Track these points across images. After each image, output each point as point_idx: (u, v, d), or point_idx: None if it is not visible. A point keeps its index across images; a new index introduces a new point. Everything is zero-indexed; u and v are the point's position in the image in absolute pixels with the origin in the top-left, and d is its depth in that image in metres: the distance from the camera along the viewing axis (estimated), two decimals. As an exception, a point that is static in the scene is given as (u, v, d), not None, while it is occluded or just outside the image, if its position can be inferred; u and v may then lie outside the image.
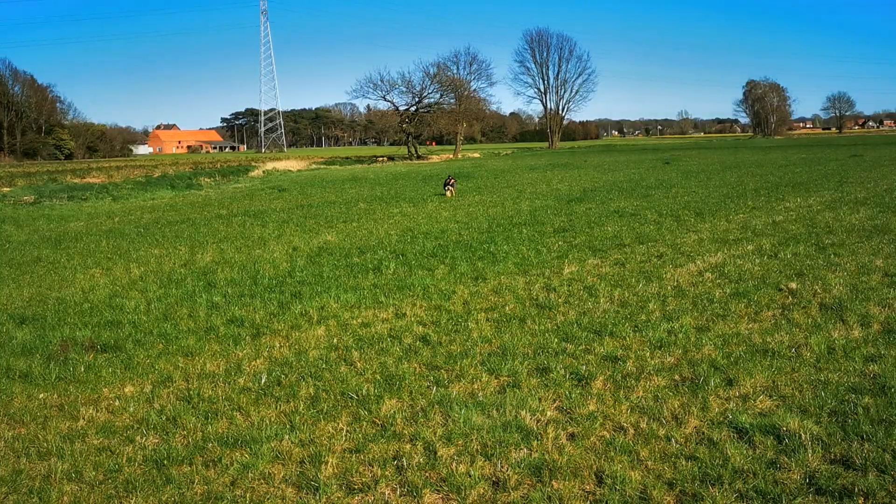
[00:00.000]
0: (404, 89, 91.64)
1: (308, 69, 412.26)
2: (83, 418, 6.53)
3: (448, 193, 28.08)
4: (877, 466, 5.00)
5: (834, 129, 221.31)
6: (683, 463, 5.21)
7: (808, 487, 4.82)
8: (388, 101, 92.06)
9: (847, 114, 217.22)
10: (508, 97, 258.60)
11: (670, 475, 5.06)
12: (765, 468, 5.08)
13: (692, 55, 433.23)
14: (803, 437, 5.45)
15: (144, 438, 6.05)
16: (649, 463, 5.25)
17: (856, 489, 4.73)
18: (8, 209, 31.00)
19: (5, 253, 17.23)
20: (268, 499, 5.00)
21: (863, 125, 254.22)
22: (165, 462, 5.56)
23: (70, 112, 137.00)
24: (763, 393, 6.43)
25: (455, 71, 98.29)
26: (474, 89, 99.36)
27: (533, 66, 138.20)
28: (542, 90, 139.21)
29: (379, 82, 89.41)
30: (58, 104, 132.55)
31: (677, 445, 5.49)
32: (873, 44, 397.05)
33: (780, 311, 9.06)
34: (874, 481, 4.80)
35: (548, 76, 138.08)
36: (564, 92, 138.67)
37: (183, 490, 5.15)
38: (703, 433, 5.69)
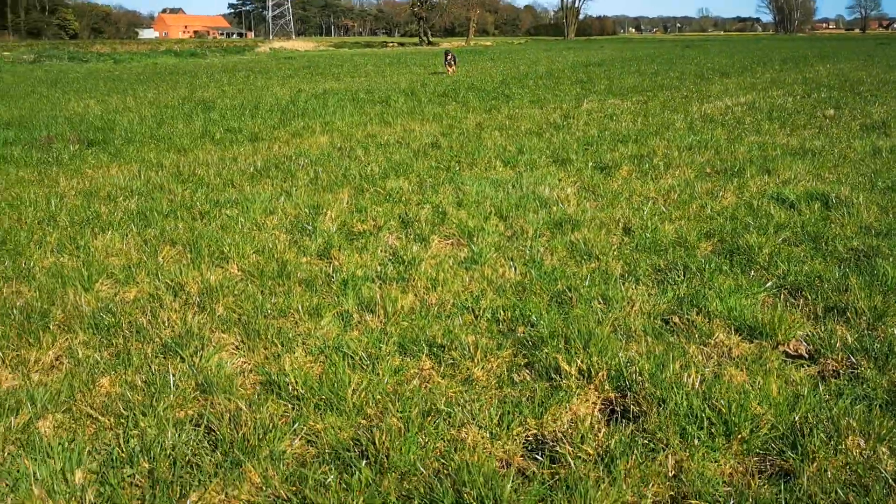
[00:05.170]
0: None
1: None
2: (62, 186, 6.04)
3: (449, 70, 22.08)
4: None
5: (857, 30, 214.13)
6: (721, 221, 4.68)
7: (867, 232, 4.29)
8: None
9: (872, 13, 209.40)
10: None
11: (707, 228, 4.53)
12: (816, 220, 4.55)
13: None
14: (856, 202, 4.90)
15: (128, 201, 5.54)
16: (682, 222, 4.71)
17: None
18: (6, 66, 30.03)
19: (-1, 92, 16.54)
20: (258, 241, 4.50)
21: (887, 27, 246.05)
22: (148, 215, 5.05)
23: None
24: (806, 179, 5.86)
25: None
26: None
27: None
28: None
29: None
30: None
31: (713, 211, 4.94)
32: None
33: (817, 130, 8.40)
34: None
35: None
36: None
37: (165, 228, 4.68)
38: (742, 201, 5.15)
